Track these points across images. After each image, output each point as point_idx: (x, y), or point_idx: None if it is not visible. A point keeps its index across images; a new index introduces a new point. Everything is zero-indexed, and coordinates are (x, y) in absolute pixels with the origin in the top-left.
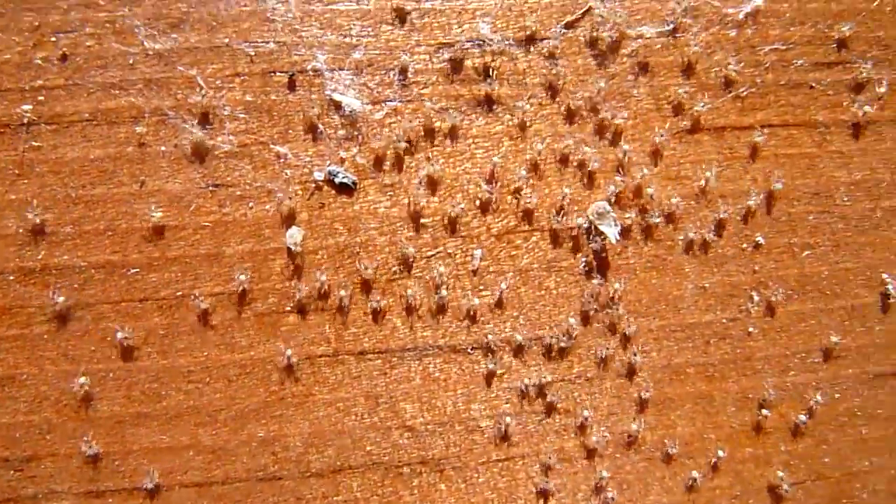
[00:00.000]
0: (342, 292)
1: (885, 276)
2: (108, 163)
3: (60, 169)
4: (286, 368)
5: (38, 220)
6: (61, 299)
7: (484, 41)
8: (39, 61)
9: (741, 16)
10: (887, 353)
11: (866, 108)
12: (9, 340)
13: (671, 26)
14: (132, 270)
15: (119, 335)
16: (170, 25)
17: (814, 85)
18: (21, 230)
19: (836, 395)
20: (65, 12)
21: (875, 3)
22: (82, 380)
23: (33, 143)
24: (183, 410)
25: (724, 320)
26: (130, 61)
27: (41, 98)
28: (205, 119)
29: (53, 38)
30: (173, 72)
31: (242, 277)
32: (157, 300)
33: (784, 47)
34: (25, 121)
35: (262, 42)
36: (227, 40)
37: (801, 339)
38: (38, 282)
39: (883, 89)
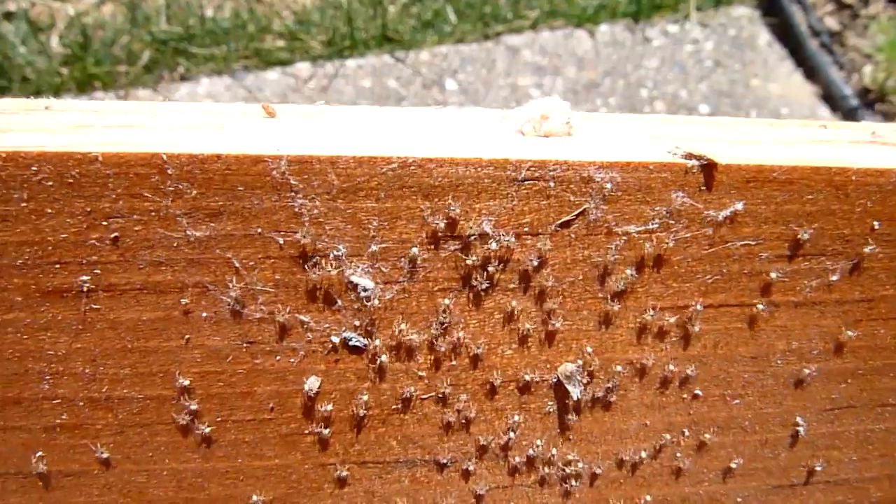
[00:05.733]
0: (350, 423)
1: (798, 418)
2: (157, 323)
3: (117, 326)
4: (304, 473)
5: (100, 368)
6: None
7: (486, 235)
8: (94, 241)
9: (721, 217)
10: (787, 472)
11: (815, 292)
12: (76, 450)
13: (656, 225)
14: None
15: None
16: (208, 216)
17: (774, 274)
18: (87, 370)
19: (738, 500)
20: (113, 201)
21: (845, 206)
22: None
23: (92, 306)
24: None
25: (656, 445)
26: (174, 244)
27: (97, 271)
28: (240, 292)
29: (105, 223)
30: (212, 254)
31: (270, 408)
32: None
33: (754, 242)
34: (85, 289)
35: (291, 232)
36: (259, 230)
37: (718, 461)
38: (102, 407)
39: (835, 277)
